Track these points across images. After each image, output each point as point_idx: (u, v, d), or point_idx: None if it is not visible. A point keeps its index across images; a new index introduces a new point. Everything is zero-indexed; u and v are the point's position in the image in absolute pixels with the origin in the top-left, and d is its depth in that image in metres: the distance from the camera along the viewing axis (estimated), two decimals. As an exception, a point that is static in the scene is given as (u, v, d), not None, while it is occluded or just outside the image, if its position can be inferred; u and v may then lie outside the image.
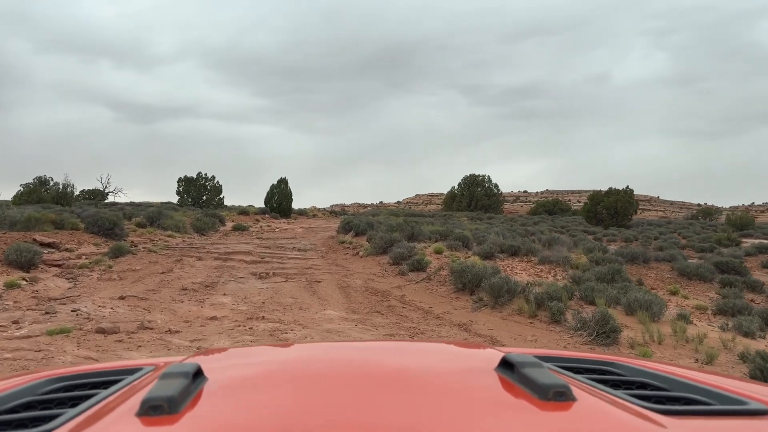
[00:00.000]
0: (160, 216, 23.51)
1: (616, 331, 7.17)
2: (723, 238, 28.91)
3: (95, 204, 50.36)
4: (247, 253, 15.49)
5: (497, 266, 11.19)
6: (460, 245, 15.12)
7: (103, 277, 11.29)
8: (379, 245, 14.08)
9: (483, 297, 9.32)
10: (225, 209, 51.18)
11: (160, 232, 22.00)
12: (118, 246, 13.82)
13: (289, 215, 48.58)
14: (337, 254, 15.98)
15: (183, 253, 15.22)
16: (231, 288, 10.49)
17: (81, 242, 15.84)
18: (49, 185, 59.40)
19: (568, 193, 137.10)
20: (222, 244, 18.53)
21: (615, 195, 41.09)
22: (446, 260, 13.12)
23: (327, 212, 66.70)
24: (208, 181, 55.13)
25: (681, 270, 13.25)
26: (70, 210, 32.16)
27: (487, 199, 69.67)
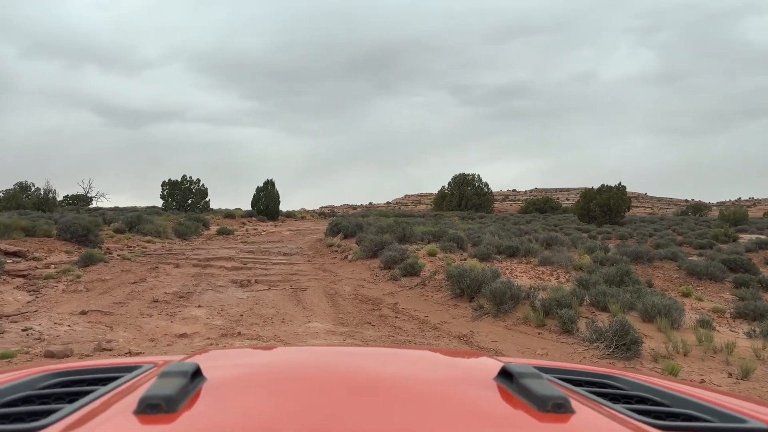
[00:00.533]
0: (140, 221, 22.50)
1: (637, 342, 6.36)
2: (720, 234, 28.32)
3: (77, 210, 49.12)
4: (229, 259, 14.58)
5: (497, 269, 10.37)
6: (455, 246, 14.29)
7: (69, 288, 10.35)
8: (369, 248, 13.22)
9: (484, 304, 8.50)
10: (211, 213, 50.07)
11: (139, 237, 21.01)
12: (88, 254, 12.87)
13: (276, 218, 47.56)
14: (324, 258, 15.10)
15: (160, 260, 14.28)
16: (208, 299, 9.60)
17: (51, 250, 14.86)
18: (30, 191, 58.12)
19: (556, 191, 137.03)
20: (203, 249, 17.59)
21: (607, 192, 40.50)
22: (441, 263, 12.29)
23: (316, 214, 65.70)
24: (193, 184, 53.92)
25: (690, 269, 12.49)
26: (47, 216, 31.03)
27: (477, 198, 68.95)
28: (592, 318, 7.62)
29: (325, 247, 17.12)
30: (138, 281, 11.02)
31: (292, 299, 9.68)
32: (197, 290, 10.30)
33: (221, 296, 9.87)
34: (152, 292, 10.01)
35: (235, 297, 9.80)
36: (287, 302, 9.40)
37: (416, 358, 1.39)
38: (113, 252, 15.75)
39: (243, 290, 10.48)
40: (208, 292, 10.22)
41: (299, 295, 10.00)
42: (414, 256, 12.44)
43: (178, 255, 15.36)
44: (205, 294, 10.00)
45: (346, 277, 11.94)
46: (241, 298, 9.72)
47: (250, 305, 9.02)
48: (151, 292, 9.94)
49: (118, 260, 13.71)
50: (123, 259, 13.76)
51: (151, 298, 9.36)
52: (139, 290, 10.13)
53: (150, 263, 13.49)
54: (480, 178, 71.35)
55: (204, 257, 14.80)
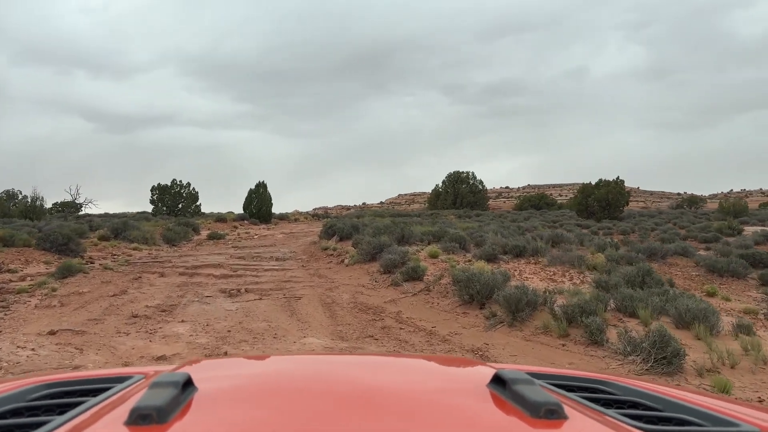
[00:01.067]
0: (126, 227, 21.61)
1: (679, 355, 5.58)
2: (724, 227, 27.66)
3: (65, 217, 48.06)
4: (218, 266, 13.73)
5: (506, 271, 9.57)
6: (457, 247, 13.50)
7: (42, 303, 9.49)
8: (367, 251, 12.41)
9: (497, 311, 7.71)
10: (202, 217, 49.09)
11: (125, 245, 20.11)
12: (66, 265, 12.00)
13: (269, 220, 46.64)
14: (319, 263, 14.27)
15: (144, 268, 13.42)
16: (193, 312, 8.76)
17: (29, 261, 13.97)
18: (17, 199, 56.99)
19: (549, 187, 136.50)
20: (191, 255, 16.72)
21: (605, 187, 39.85)
22: (444, 266, 11.49)
23: (309, 216, 64.79)
24: (183, 188, 52.87)
25: (710, 266, 11.74)
26: (32, 225, 30.03)
27: (472, 196, 68.19)
28: (621, 326, 6.83)
29: (320, 250, 16.29)
30: (118, 293, 10.16)
31: (285, 310, 8.86)
32: (182, 302, 9.46)
33: (208, 308, 9.04)
34: (132, 305, 9.17)
35: (223, 309, 8.97)
36: (280, 314, 8.59)
37: (409, 366, 1.39)
38: (96, 261, 14.88)
39: (232, 301, 9.65)
40: (193, 304, 9.38)
41: (293, 305, 9.19)
42: (415, 259, 11.64)
43: (164, 263, 14.50)
44: (190, 306, 9.16)
45: (343, 283, 11.12)
46: (230, 310, 8.89)
47: (239, 318, 8.20)
48: (131, 306, 9.10)
49: (99, 270, 12.83)
50: (104, 269, 12.89)
51: (131, 313, 8.51)
52: (118, 304, 9.28)
53: (133, 273, 12.63)
54: (474, 175, 70.64)
55: (191, 264, 13.95)
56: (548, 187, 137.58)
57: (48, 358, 6.25)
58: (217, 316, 8.41)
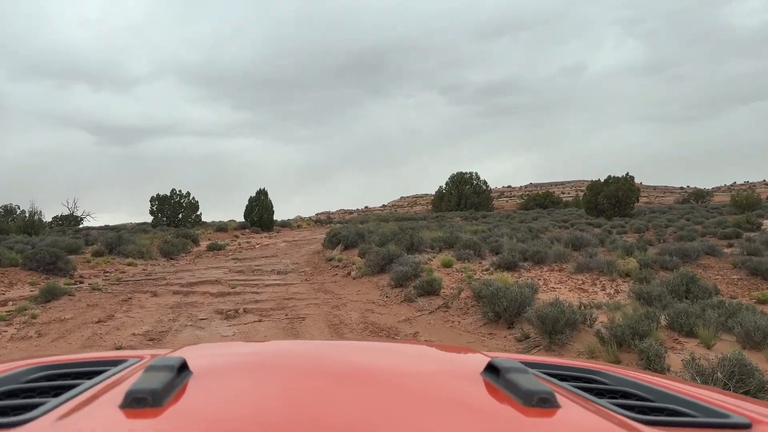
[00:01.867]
0: (121, 241, 20.67)
1: (764, 388, 4.59)
2: (742, 222, 26.63)
3: (63, 231, 47.19)
4: (215, 282, 12.78)
5: (534, 283, 8.59)
6: (472, 254, 12.53)
7: (19, 334, 8.55)
8: (376, 262, 11.43)
9: (529, 332, 6.73)
10: (202, 226, 48.10)
11: (119, 260, 19.17)
12: (50, 287, 11.04)
13: (271, 228, 45.69)
14: (324, 275, 13.30)
15: (136, 288, 12.47)
16: (185, 339, 7.81)
17: (13, 283, 13.04)
18: (16, 214, 56.19)
19: (552, 185, 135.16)
20: (188, 271, 15.77)
21: (615, 183, 38.83)
22: (461, 276, 10.52)
23: (312, 221, 63.76)
24: (183, 198, 51.89)
25: (754, 268, 10.74)
26: (25, 241, 29.11)
27: (476, 196, 67.16)
28: (679, 348, 5.86)
29: (324, 261, 15.31)
30: (104, 319, 9.21)
31: (287, 334, 7.91)
32: (173, 327, 8.51)
33: (202, 334, 8.09)
34: (118, 333, 8.22)
35: (219, 334, 8.02)
36: (282, 338, 7.62)
37: (404, 352, 1.38)
38: (85, 280, 13.94)
39: (229, 324, 8.70)
40: (186, 329, 8.43)
41: (296, 327, 8.24)
42: (428, 270, 10.67)
43: (158, 280, 13.54)
44: (182, 332, 8.21)
45: (351, 299, 10.15)
46: (226, 335, 7.94)
47: (235, 347, 7.24)
48: (117, 334, 8.15)
49: (87, 292, 11.88)
50: (92, 290, 11.94)
51: (114, 344, 7.56)
52: (102, 332, 8.33)
53: (123, 293, 11.67)
54: (478, 176, 69.60)
55: (187, 281, 13.00)
56: (551, 185, 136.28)
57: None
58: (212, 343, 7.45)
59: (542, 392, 0.82)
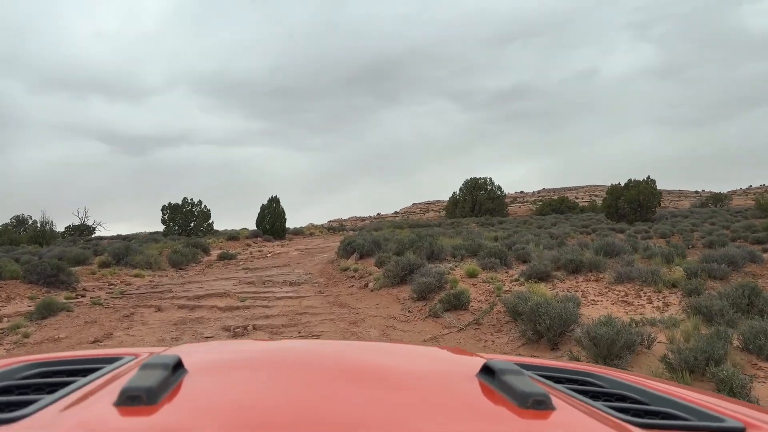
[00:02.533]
0: (128, 252, 19.98)
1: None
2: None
3: (73, 241, 46.80)
4: (224, 295, 11.99)
5: (576, 296, 7.70)
6: (498, 263, 11.65)
7: (8, 355, 7.78)
8: (395, 273, 10.58)
9: (578, 355, 5.85)
10: (214, 235, 47.50)
11: (126, 271, 18.48)
12: (47, 303, 10.30)
13: (283, 236, 44.96)
14: (339, 287, 12.46)
15: (139, 301, 11.71)
16: (187, 362, 7.00)
17: (11, 297, 12.34)
18: (27, 224, 56.00)
19: (565, 191, 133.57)
20: (196, 282, 15.01)
21: (636, 187, 37.71)
22: (488, 288, 9.65)
23: (325, 229, 63.00)
24: (194, 206, 51.31)
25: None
26: (34, 252, 28.56)
27: (490, 202, 66.10)
28: (764, 376, 4.95)
29: (339, 271, 14.47)
30: (101, 338, 8.44)
31: (301, 355, 7.07)
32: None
33: (206, 356, 7.28)
34: (114, 355, 7.43)
35: (225, 356, 7.20)
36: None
37: (399, 352, 1.37)
38: (88, 294, 13.22)
39: (237, 343, 7.88)
40: (189, 350, 7.62)
41: (311, 348, 7.39)
42: (453, 281, 9.81)
43: (163, 293, 12.78)
44: (184, 354, 7.40)
45: (369, 314, 9.31)
46: (233, 358, 7.12)
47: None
48: (113, 356, 7.36)
49: (87, 307, 11.13)
50: (93, 305, 11.20)
51: (108, 369, 6.77)
52: (97, 354, 7.55)
53: (125, 308, 10.91)
54: (492, 181, 68.53)
55: (194, 294, 12.22)
56: (564, 190, 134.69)
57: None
58: (216, 368, 6.64)
59: (537, 394, 0.82)
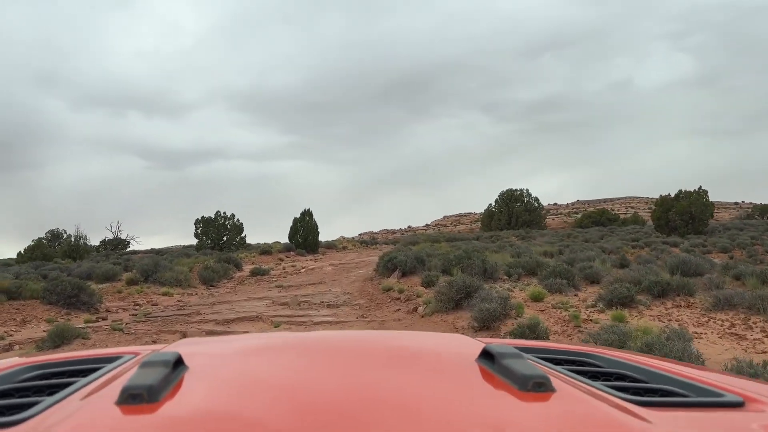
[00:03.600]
0: (157, 268, 19.05)
1: None
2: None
3: (106, 255, 46.60)
4: (256, 319, 10.83)
5: (683, 331, 6.26)
6: (565, 284, 10.23)
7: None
8: (449, 296, 9.25)
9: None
10: (247, 249, 46.83)
11: (154, 289, 17.53)
12: (60, 329, 9.24)
13: (316, 250, 43.99)
14: (383, 310, 11.19)
15: (164, 326, 10.62)
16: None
17: (27, 320, 11.39)
18: (62, 238, 56.21)
19: (600, 202, 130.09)
20: (227, 302, 13.90)
21: (687, 198, 35.69)
22: (561, 315, 8.27)
23: (357, 242, 61.88)
24: (227, 220, 50.79)
25: None
26: (62, 267, 28.00)
27: (527, 214, 64.13)
28: None
29: (381, 291, 13.18)
30: (115, 373, 7.32)
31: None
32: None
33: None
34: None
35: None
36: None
37: (398, 339, 1.38)
38: (110, 316, 12.22)
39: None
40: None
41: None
42: (518, 306, 8.45)
43: (191, 315, 11.68)
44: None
45: (423, 345, 8.00)
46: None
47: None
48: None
49: (105, 332, 10.07)
50: (112, 330, 10.13)
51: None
52: (107, 395, 6.41)
53: (148, 334, 9.82)
54: (529, 193, 66.61)
55: (224, 318, 11.09)
56: (599, 202, 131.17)
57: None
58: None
59: (537, 377, 0.82)
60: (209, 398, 0.82)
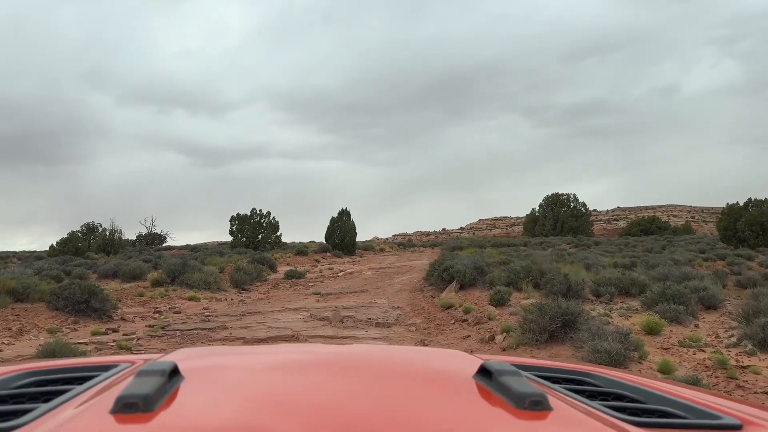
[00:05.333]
0: (185, 269, 17.39)
1: None
2: None
3: (140, 251, 45.67)
4: (292, 339, 8.93)
5: None
6: (682, 311, 8.05)
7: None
8: (541, 324, 7.16)
9: None
10: (282, 248, 45.35)
11: (181, 292, 15.85)
12: (53, 348, 7.41)
13: (353, 251, 42.20)
14: (447, 335, 9.13)
15: (182, 343, 8.81)
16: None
17: (26, 329, 9.73)
18: (98, 232, 55.72)
19: (641, 210, 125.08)
20: (258, 313, 12.05)
21: (758, 207, 32.71)
22: (696, 356, 6.15)
23: (394, 245, 59.97)
24: (263, 217, 49.39)
25: None
26: (89, 264, 26.73)
27: (574, 220, 61.16)
28: None
29: (440, 309, 11.10)
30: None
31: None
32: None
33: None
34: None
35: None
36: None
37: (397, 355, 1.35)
38: (125, 325, 10.49)
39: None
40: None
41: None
42: (638, 343, 6.34)
43: (215, 330, 9.85)
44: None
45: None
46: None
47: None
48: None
49: (110, 351, 8.28)
50: (118, 349, 8.34)
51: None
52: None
53: (160, 353, 8.00)
54: (576, 197, 63.58)
55: (253, 336, 9.22)
56: (640, 210, 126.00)
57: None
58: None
59: (534, 395, 0.80)
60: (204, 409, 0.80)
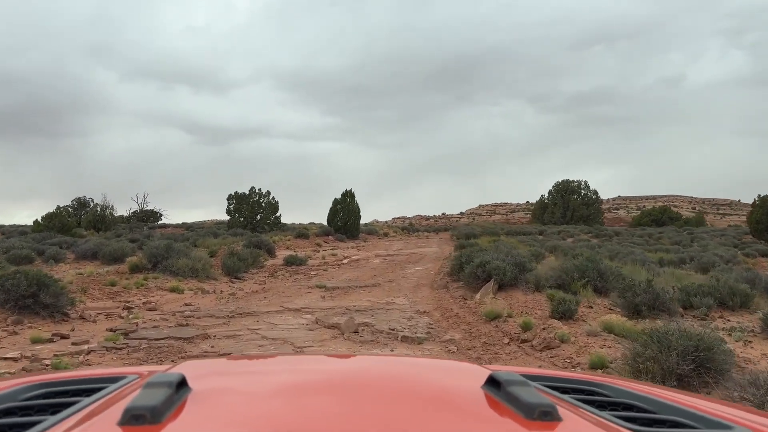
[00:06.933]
0: (169, 253, 15.12)
1: None
2: None
3: (130, 228, 43.45)
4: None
5: None
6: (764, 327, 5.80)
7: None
8: (662, 363, 4.85)
9: None
10: (281, 229, 43.11)
11: (163, 280, 13.62)
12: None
13: (356, 235, 39.99)
14: (501, 358, 6.90)
15: (146, 356, 6.59)
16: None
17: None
18: (89, 207, 53.43)
19: (642, 199, 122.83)
20: (251, 314, 9.80)
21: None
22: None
23: (398, 229, 57.81)
24: (262, 197, 47.03)
25: None
26: (70, 242, 24.54)
27: (585, 208, 58.95)
28: None
29: (481, 317, 8.82)
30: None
31: None
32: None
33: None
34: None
35: None
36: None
37: (405, 366, 1.35)
38: (82, 327, 8.28)
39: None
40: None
41: None
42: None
43: (192, 341, 7.61)
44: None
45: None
46: None
47: None
48: None
49: (45, 371, 6.09)
50: (53, 368, 6.10)
51: None
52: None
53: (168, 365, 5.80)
54: (587, 185, 61.34)
55: (241, 350, 6.99)
56: (641, 199, 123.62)
57: None
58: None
59: (544, 405, 0.80)
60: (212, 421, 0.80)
